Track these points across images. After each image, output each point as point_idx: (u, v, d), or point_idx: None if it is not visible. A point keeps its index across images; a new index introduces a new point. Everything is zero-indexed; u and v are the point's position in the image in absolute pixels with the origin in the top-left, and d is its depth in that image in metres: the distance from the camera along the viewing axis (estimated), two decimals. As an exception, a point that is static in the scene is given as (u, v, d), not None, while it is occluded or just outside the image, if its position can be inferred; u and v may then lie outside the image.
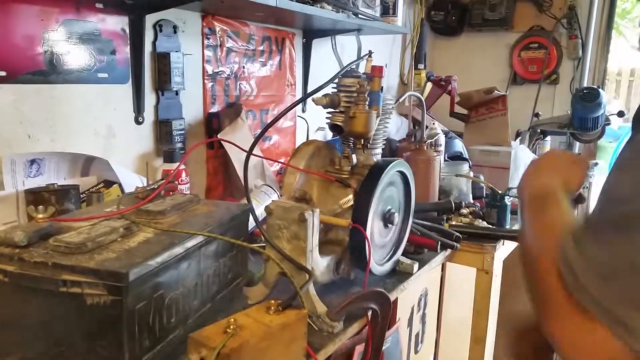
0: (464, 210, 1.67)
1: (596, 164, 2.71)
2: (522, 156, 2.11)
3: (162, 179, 1.01)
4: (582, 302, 0.51)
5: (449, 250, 1.41)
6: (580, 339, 0.53)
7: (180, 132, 1.53)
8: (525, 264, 0.67)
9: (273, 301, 0.76)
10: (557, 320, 0.55)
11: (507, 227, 1.62)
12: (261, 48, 1.87)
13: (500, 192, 1.64)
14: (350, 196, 1.10)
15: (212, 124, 1.69)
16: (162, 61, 1.46)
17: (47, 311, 0.68)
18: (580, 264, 0.52)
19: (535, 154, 2.50)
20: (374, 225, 1.12)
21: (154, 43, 1.46)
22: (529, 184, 0.80)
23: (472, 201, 1.80)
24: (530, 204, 0.76)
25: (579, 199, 0.89)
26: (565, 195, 0.75)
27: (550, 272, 0.57)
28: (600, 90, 2.42)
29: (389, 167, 1.11)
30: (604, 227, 0.54)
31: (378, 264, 1.16)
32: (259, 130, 1.83)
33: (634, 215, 0.51)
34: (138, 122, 1.45)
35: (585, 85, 2.72)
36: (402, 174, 1.20)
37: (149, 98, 1.47)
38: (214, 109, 1.70)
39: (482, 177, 1.87)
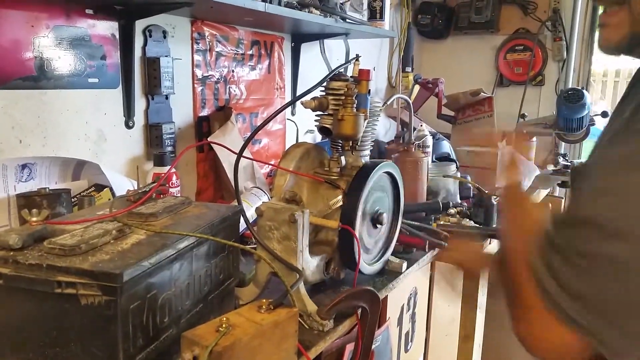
0: (452, 210, 1.69)
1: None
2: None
3: (153, 182, 1.02)
4: (557, 316, 0.61)
5: (437, 250, 1.43)
6: (546, 337, 0.63)
7: (170, 135, 1.54)
8: (502, 262, 0.75)
9: (264, 300, 0.78)
10: (527, 320, 0.66)
11: (494, 226, 1.65)
12: (250, 52, 1.88)
13: (486, 192, 1.67)
14: (340, 197, 1.12)
15: (202, 128, 1.71)
16: (152, 66, 1.48)
17: (42, 312, 0.69)
18: (554, 288, 0.61)
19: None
20: (363, 226, 1.14)
21: (143, 48, 1.47)
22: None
23: (459, 201, 1.83)
24: (503, 202, 0.91)
25: None
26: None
27: (523, 278, 0.66)
28: (584, 91, 2.46)
29: (377, 168, 1.13)
30: (573, 257, 0.61)
31: (367, 264, 1.18)
32: (249, 133, 1.85)
33: (599, 256, 0.59)
34: (128, 127, 1.46)
35: (570, 86, 2.76)
36: (391, 175, 1.22)
37: (139, 102, 1.48)
38: (204, 112, 1.71)
39: (469, 178, 1.90)
